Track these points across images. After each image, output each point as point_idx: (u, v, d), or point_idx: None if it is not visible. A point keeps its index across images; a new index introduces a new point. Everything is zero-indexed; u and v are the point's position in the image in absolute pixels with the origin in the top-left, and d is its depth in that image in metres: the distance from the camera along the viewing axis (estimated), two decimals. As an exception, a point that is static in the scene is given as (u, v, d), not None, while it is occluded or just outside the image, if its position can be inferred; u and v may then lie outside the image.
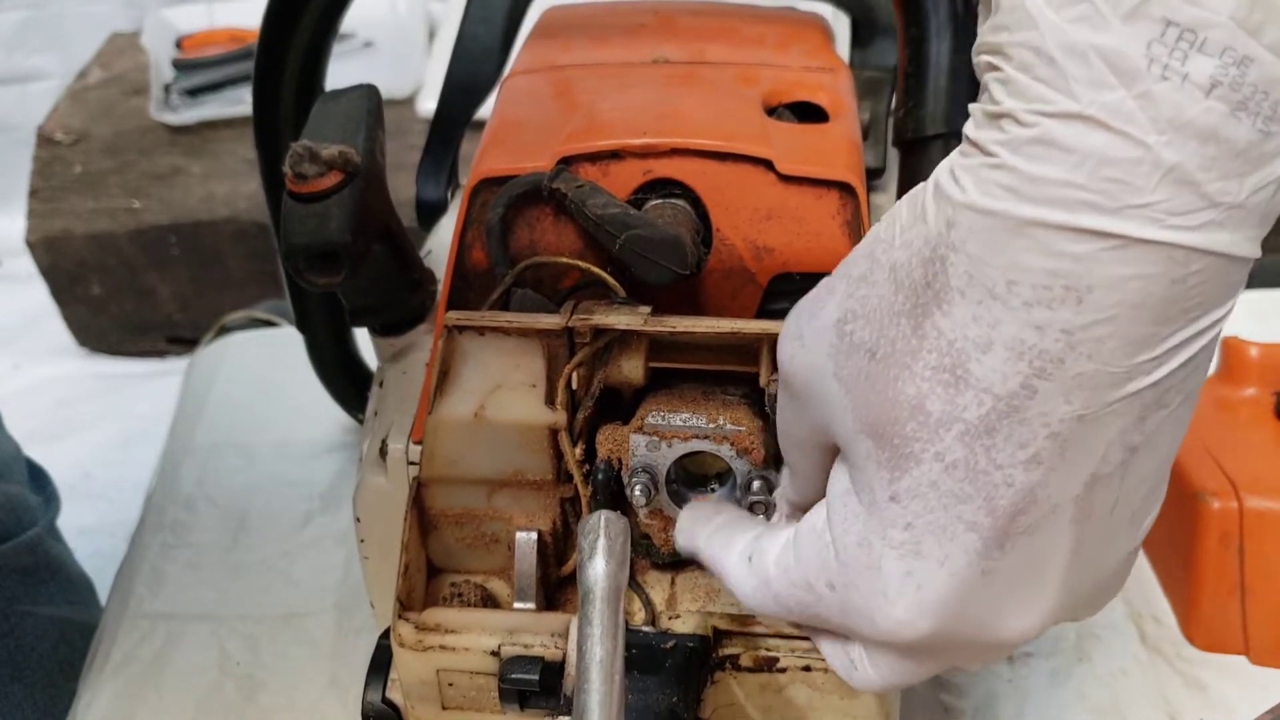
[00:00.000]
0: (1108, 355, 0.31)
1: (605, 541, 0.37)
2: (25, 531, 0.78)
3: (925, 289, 0.33)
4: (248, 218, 1.43)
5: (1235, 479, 0.60)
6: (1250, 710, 0.52)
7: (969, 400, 0.32)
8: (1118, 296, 0.31)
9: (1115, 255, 0.30)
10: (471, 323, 0.45)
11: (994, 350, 0.32)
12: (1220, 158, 0.30)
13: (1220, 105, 0.29)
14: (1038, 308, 0.31)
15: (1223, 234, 0.30)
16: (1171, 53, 0.29)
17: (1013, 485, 0.33)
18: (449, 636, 0.44)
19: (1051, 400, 0.32)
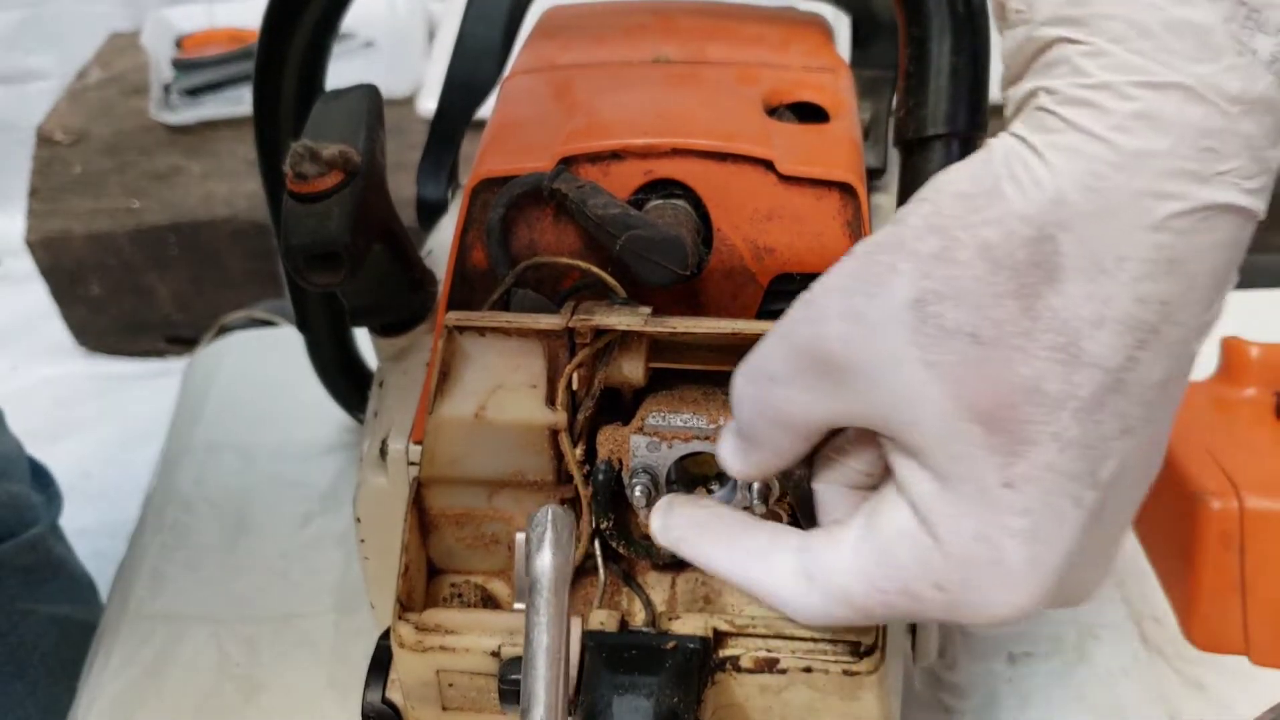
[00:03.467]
0: (1191, 321, 0.33)
1: (553, 534, 0.38)
2: (27, 530, 0.78)
3: (1033, 269, 0.32)
4: (247, 218, 1.43)
5: (1235, 479, 0.60)
6: (1250, 710, 0.52)
7: (1084, 378, 0.33)
8: (1205, 264, 0.32)
9: (1207, 224, 0.32)
10: (472, 323, 0.45)
11: (1106, 325, 0.32)
12: (1274, 127, 0.32)
13: (1275, 78, 0.31)
14: (1144, 281, 0.32)
15: (1264, 197, 0.33)
16: (1242, 29, 0.31)
17: (1111, 456, 0.34)
18: (449, 637, 0.44)
19: (1148, 370, 0.33)
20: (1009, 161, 0.33)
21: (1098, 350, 0.32)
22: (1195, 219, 0.32)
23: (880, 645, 0.43)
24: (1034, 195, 0.32)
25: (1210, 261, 0.32)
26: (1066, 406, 0.33)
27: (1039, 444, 0.33)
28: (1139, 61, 0.31)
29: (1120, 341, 0.32)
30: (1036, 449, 0.33)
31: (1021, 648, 0.62)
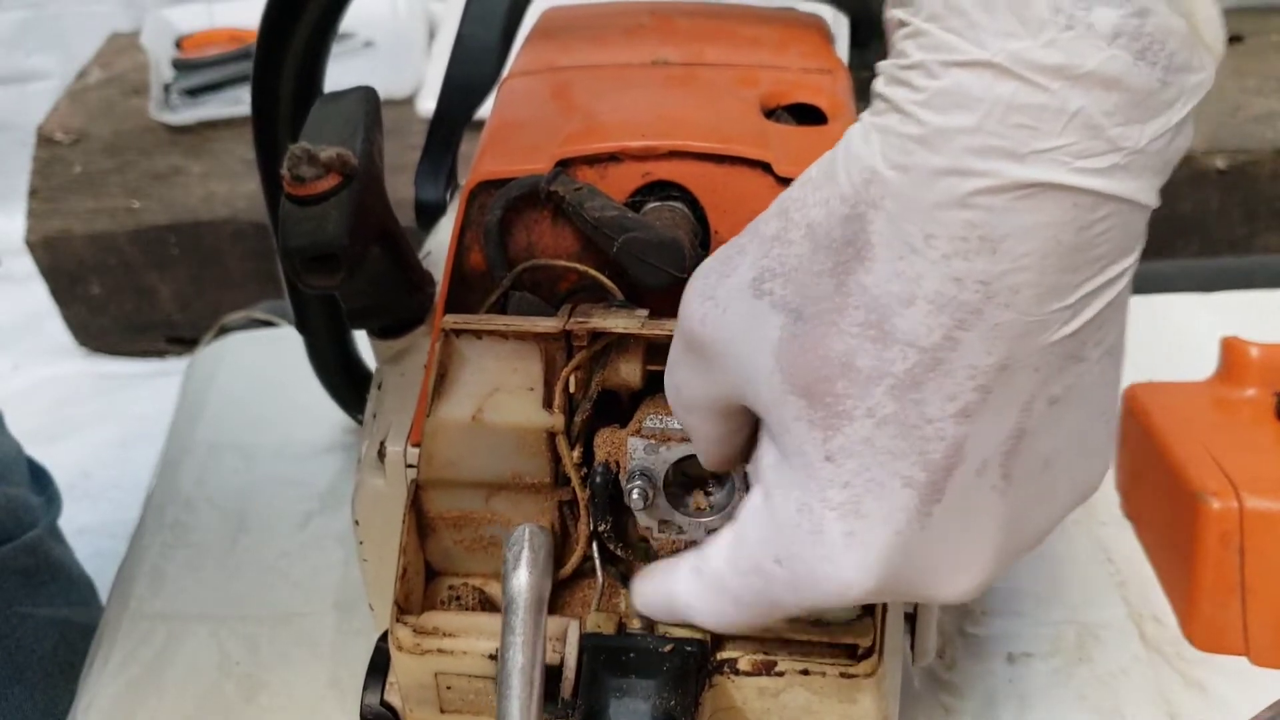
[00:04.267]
0: (1024, 305, 0.32)
1: (529, 554, 0.38)
2: (26, 533, 0.78)
3: (846, 247, 0.33)
4: (247, 218, 1.43)
5: (1235, 479, 0.60)
6: (1251, 710, 0.52)
7: (895, 355, 0.33)
8: (1030, 245, 0.31)
9: (1026, 203, 0.31)
10: (469, 326, 0.45)
11: (916, 304, 0.32)
12: (1123, 105, 0.31)
13: (1123, 54, 0.30)
14: (955, 259, 0.32)
15: (1128, 179, 0.31)
16: (1076, 2, 0.30)
17: (944, 439, 0.33)
18: (447, 640, 0.44)
19: (973, 351, 0.32)
20: (849, 142, 0.34)
21: (908, 328, 0.32)
22: (1010, 197, 0.31)
23: (878, 647, 0.43)
24: (854, 175, 0.33)
25: (1038, 242, 0.31)
26: (880, 383, 0.33)
27: (855, 419, 0.34)
28: (951, 40, 0.31)
29: (934, 320, 0.32)
30: (853, 424, 0.34)
31: (1021, 648, 0.62)
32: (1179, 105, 0.31)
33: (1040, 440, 0.34)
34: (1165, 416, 0.66)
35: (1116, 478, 0.71)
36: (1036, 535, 0.36)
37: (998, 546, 0.35)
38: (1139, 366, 0.73)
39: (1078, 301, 0.32)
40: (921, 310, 0.32)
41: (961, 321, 0.32)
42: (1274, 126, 1.34)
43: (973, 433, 0.33)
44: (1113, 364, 0.35)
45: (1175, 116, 0.31)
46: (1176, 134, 0.32)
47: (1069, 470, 0.36)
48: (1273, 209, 1.35)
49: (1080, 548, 0.67)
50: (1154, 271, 0.91)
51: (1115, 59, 0.30)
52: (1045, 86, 0.30)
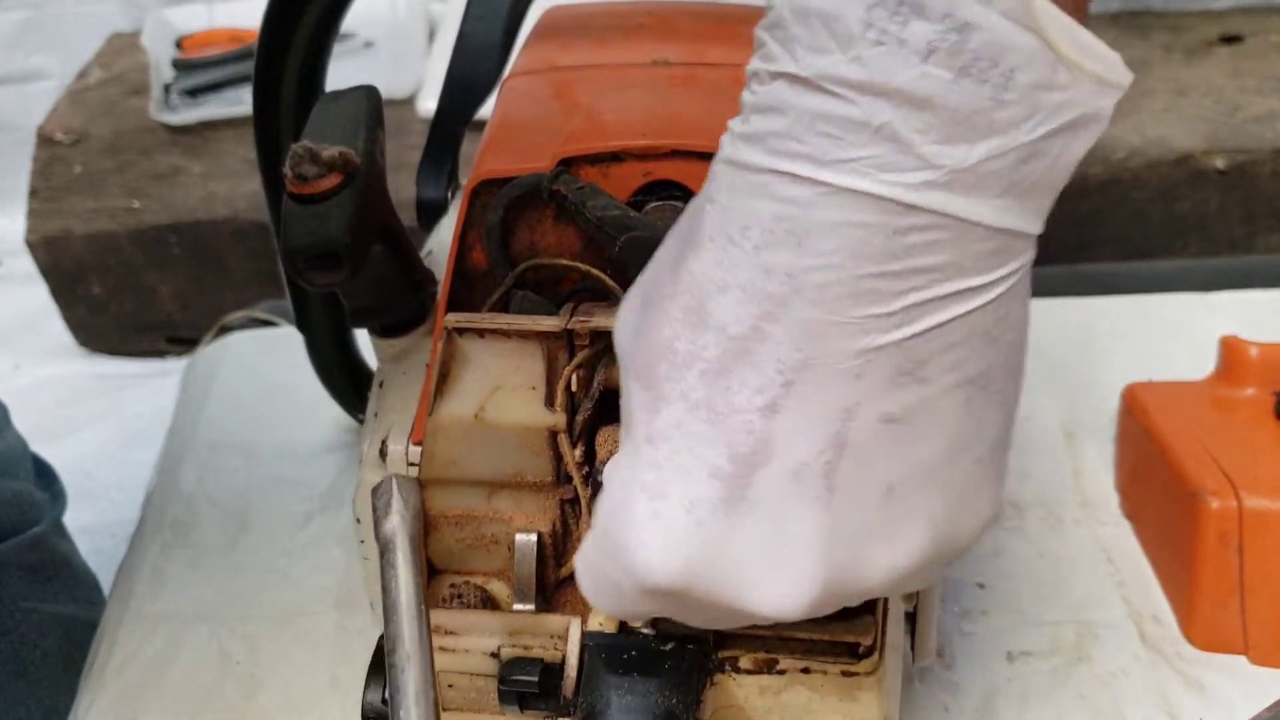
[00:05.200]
0: (831, 303, 0.32)
1: (399, 500, 0.38)
2: (31, 528, 0.78)
3: (688, 238, 0.35)
4: (248, 218, 1.42)
5: (1235, 479, 0.60)
6: (1250, 710, 0.52)
7: (709, 340, 0.33)
8: (835, 242, 0.32)
9: (829, 200, 0.31)
10: (471, 325, 0.45)
11: (730, 292, 0.33)
12: (940, 122, 0.30)
13: (941, 70, 0.30)
14: (765, 250, 0.32)
15: (951, 196, 0.31)
16: (892, 17, 0.30)
17: (752, 432, 0.33)
18: (449, 638, 0.44)
19: (781, 345, 0.33)
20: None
21: (721, 314, 0.33)
22: (814, 193, 0.31)
23: (879, 646, 0.43)
24: (708, 176, 0.35)
25: (844, 240, 0.31)
26: (693, 367, 0.34)
27: (671, 402, 0.34)
28: (776, 51, 0.32)
29: (744, 309, 0.33)
30: (670, 407, 0.34)
31: (1021, 647, 0.62)
32: (1029, 125, 0.31)
33: (874, 460, 0.33)
34: (1165, 416, 0.66)
35: (1116, 478, 0.71)
36: (881, 574, 0.35)
37: (819, 564, 0.34)
38: (1139, 366, 0.73)
39: (902, 311, 0.32)
40: (734, 298, 0.33)
41: (769, 313, 0.33)
42: (1273, 126, 1.34)
43: (782, 430, 0.33)
44: (981, 400, 0.34)
45: (1023, 137, 0.31)
46: (1033, 155, 0.31)
47: (924, 510, 0.34)
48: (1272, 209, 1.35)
49: (1080, 547, 0.67)
50: (1154, 271, 0.91)
51: (928, 76, 0.30)
52: (851, 100, 0.31)
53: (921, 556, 0.35)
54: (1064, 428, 0.75)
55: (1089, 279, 0.89)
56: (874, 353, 0.32)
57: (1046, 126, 0.31)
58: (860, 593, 0.35)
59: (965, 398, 0.34)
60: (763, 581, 0.34)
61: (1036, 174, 0.32)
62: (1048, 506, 0.70)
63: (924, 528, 0.35)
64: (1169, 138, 1.29)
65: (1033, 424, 0.75)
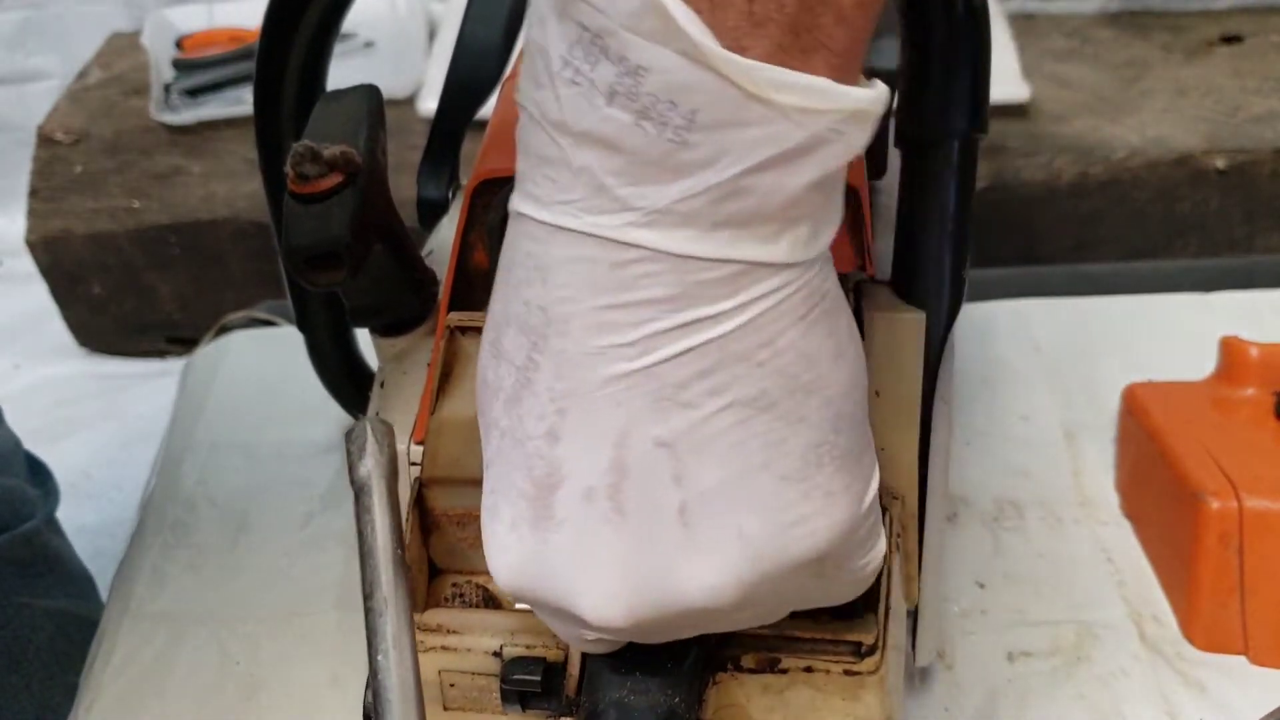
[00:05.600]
0: (578, 334, 0.33)
1: (373, 443, 0.38)
2: (23, 524, 0.78)
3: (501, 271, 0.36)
4: (248, 218, 1.42)
5: (1235, 479, 0.60)
6: (1250, 710, 0.52)
7: (504, 371, 0.35)
8: (568, 276, 0.33)
9: (558, 237, 0.33)
10: (473, 324, 0.45)
11: (509, 327, 0.35)
12: (630, 165, 0.30)
13: (623, 114, 0.30)
14: (524, 286, 0.34)
15: (647, 233, 0.31)
16: (586, 57, 0.30)
17: (543, 457, 0.35)
18: (451, 637, 0.44)
19: (548, 375, 0.34)
20: None
21: (509, 347, 0.35)
22: (547, 232, 0.33)
23: (881, 645, 0.43)
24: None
25: (575, 275, 0.32)
26: (499, 397, 0.36)
27: (490, 429, 0.37)
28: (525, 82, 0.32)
29: (518, 341, 0.35)
30: (491, 433, 0.37)
31: (1021, 647, 0.62)
32: (722, 164, 0.30)
33: (656, 481, 0.34)
34: (1165, 416, 0.66)
35: (1116, 478, 0.71)
36: (701, 590, 0.35)
37: (622, 579, 0.35)
38: (1139, 367, 0.73)
39: (642, 341, 0.32)
40: (512, 331, 0.35)
41: (535, 344, 0.34)
42: (1273, 126, 1.34)
43: (566, 455, 0.34)
44: (766, 421, 0.34)
45: (715, 176, 0.30)
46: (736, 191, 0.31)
47: (731, 527, 0.34)
48: (1272, 209, 1.35)
49: (1080, 547, 0.67)
50: (1154, 271, 0.91)
51: (611, 119, 0.30)
52: (557, 141, 0.31)
53: (742, 573, 0.35)
54: (1064, 428, 0.75)
55: (1089, 279, 0.89)
56: (624, 379, 0.33)
57: (742, 164, 0.30)
58: (685, 609, 0.36)
59: (740, 419, 0.34)
60: (581, 592, 0.36)
61: (751, 207, 0.31)
62: (1048, 506, 0.70)
63: (736, 545, 0.35)
64: (1169, 138, 1.29)
65: (1033, 424, 0.75)
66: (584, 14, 0.29)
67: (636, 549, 0.35)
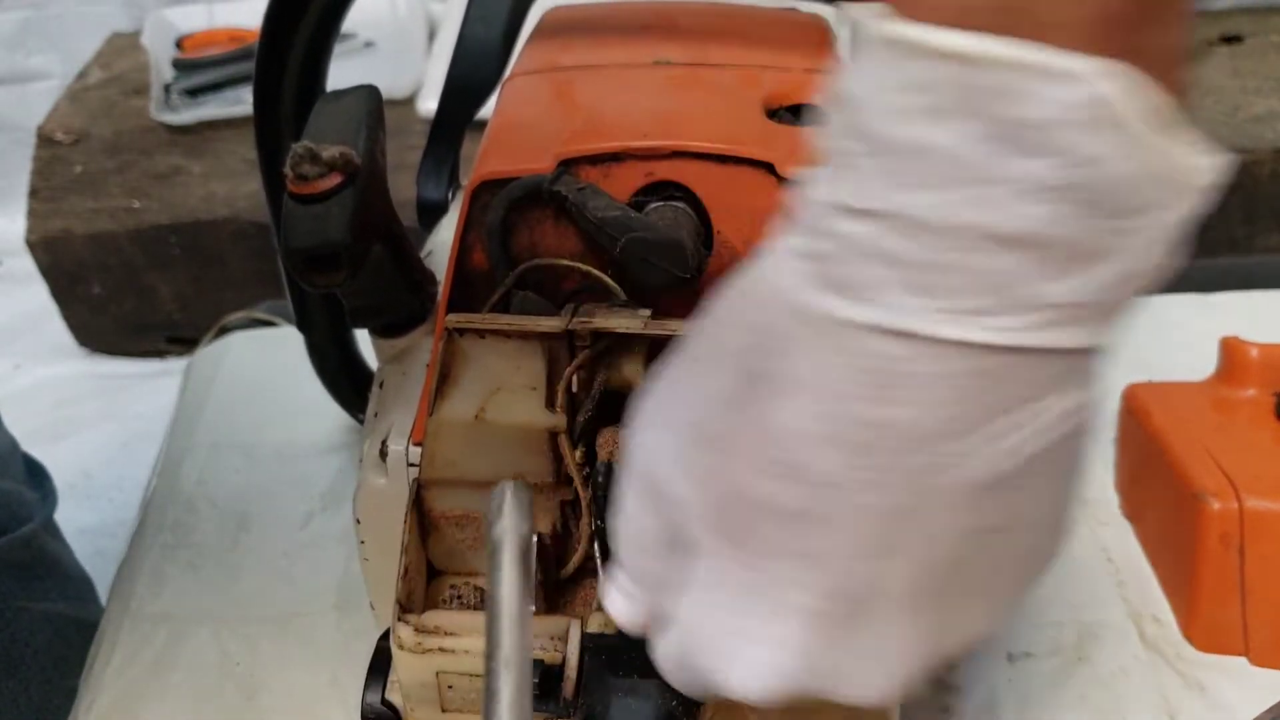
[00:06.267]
0: (915, 446, 0.31)
1: (513, 501, 0.38)
2: (21, 527, 0.78)
3: (760, 379, 0.32)
4: (248, 218, 1.43)
5: (1235, 479, 0.60)
6: (1250, 711, 0.52)
7: (800, 492, 0.32)
8: (926, 393, 0.30)
9: (929, 353, 0.30)
10: (472, 325, 0.45)
11: (823, 442, 0.31)
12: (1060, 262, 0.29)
13: (1052, 207, 0.28)
14: (858, 403, 0.31)
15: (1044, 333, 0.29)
16: (1001, 152, 0.27)
17: (850, 574, 0.33)
18: (449, 639, 0.44)
19: (871, 490, 0.31)
20: (762, 270, 0.33)
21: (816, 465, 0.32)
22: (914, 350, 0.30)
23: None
24: (768, 304, 0.32)
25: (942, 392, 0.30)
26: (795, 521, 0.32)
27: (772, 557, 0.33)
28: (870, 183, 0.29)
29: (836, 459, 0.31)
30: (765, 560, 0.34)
31: (1021, 647, 0.62)
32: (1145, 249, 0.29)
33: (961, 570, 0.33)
34: (1165, 416, 0.66)
35: (1116, 478, 0.71)
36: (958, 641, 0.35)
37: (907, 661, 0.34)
38: (1139, 367, 0.73)
39: (985, 442, 0.31)
40: (830, 450, 0.31)
41: (863, 463, 0.31)
42: (1274, 126, 1.34)
43: (871, 569, 0.33)
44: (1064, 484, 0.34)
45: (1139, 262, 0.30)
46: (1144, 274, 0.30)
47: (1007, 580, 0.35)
48: (1273, 209, 1.35)
49: (1080, 548, 0.67)
50: (1154, 272, 0.91)
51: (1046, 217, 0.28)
52: (956, 245, 0.28)
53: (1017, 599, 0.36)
54: (1064, 428, 0.75)
55: (1089, 279, 0.89)
56: (961, 484, 0.31)
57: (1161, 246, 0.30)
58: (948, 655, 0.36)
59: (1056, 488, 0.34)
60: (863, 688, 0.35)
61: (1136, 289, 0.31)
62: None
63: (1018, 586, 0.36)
64: (1169, 138, 1.29)
65: (1033, 424, 0.75)
66: (1008, 107, 0.27)
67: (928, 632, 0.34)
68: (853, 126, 0.29)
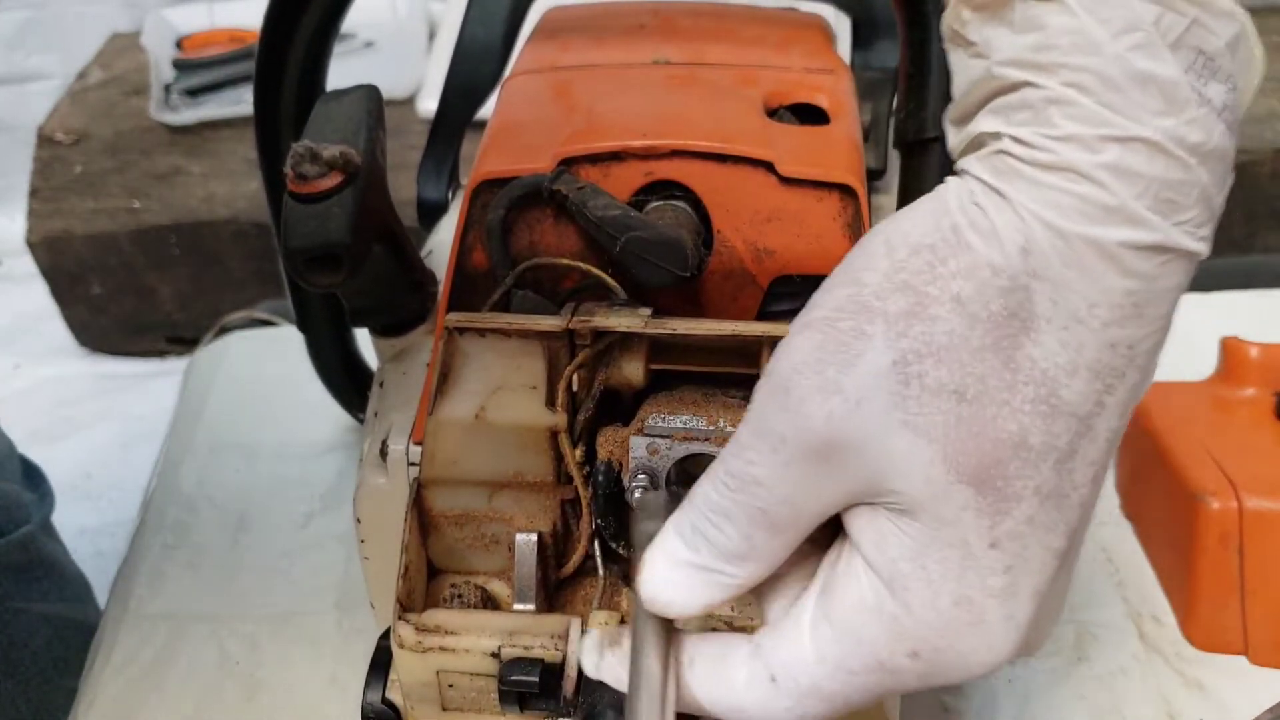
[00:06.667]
0: (1145, 363, 0.33)
1: (656, 506, 0.37)
2: (19, 528, 0.78)
3: (1010, 319, 0.32)
4: (248, 218, 1.43)
5: (1235, 479, 0.60)
6: (1249, 710, 0.52)
7: (1062, 427, 0.32)
8: (1164, 308, 0.33)
9: (1168, 268, 0.32)
10: (472, 324, 0.45)
11: (1079, 373, 0.32)
12: (1224, 173, 0.32)
13: (1225, 128, 0.32)
14: (1113, 327, 0.32)
15: (1210, 243, 0.33)
16: (1199, 79, 0.31)
17: (1082, 504, 0.34)
18: (449, 638, 0.44)
19: (1112, 415, 0.33)
20: (967, 209, 0.33)
21: (1072, 398, 0.32)
22: (1157, 264, 0.32)
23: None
24: (1002, 244, 0.32)
25: (1168, 305, 0.33)
26: (1048, 458, 0.33)
27: (1024, 499, 0.33)
28: (1106, 114, 0.31)
29: (1091, 388, 0.32)
30: (1021, 505, 0.33)
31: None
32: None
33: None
34: (1165, 416, 0.66)
35: (1116, 478, 0.71)
36: (1070, 581, 0.37)
37: (1065, 597, 0.36)
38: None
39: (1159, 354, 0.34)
40: (1083, 379, 0.32)
41: (1110, 386, 0.32)
42: (1273, 126, 1.34)
43: (1094, 493, 0.34)
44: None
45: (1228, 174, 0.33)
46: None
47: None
48: (1273, 209, 1.35)
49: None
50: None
51: (1226, 134, 0.32)
52: (1187, 162, 0.31)
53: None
54: (1064, 428, 0.75)
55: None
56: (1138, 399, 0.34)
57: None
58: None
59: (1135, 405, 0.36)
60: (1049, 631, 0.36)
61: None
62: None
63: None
64: (1169, 138, 1.29)
65: (1033, 424, 0.75)
66: (1204, 40, 0.31)
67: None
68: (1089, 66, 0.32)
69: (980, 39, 0.33)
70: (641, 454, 0.44)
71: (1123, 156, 0.31)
